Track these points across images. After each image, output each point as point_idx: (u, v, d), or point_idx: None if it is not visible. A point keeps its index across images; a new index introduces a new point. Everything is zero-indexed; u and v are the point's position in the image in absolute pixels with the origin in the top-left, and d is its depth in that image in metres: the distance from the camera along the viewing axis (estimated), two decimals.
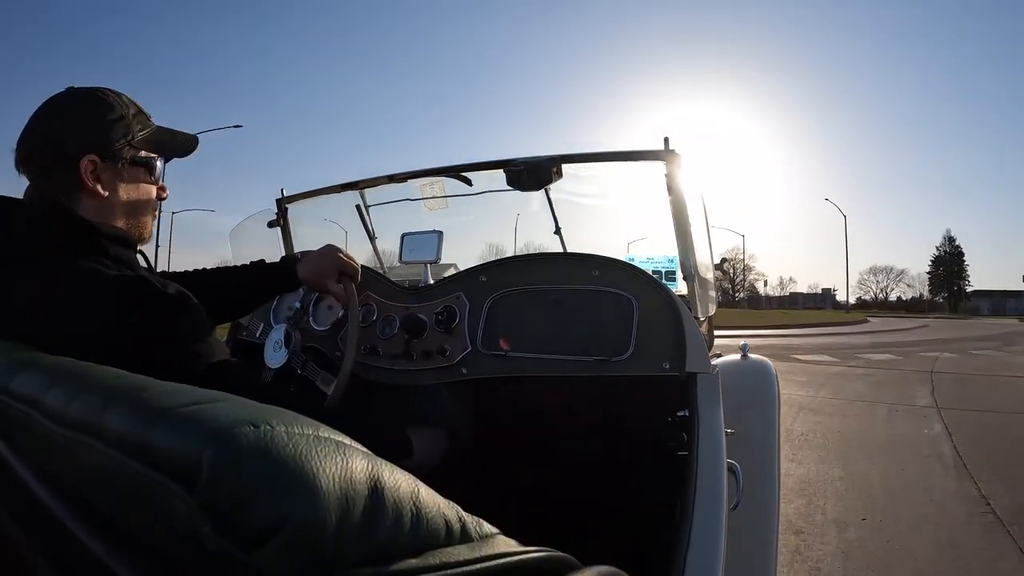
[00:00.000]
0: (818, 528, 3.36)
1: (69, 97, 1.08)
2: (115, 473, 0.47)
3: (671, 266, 2.05)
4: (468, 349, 1.61)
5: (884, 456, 4.83)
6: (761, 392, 2.09)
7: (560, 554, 0.56)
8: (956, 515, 3.54)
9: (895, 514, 3.56)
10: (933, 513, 3.59)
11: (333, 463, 0.43)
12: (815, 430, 5.70)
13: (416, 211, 2.05)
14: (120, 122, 1.09)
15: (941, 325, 35.14)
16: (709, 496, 1.16)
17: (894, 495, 3.92)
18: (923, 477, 4.31)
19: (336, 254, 1.55)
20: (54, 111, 1.07)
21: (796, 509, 3.63)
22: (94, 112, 1.07)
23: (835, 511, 3.63)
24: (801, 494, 3.92)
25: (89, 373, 0.65)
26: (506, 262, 1.72)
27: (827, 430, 5.71)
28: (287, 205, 2.23)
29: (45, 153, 1.05)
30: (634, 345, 1.45)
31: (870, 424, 6.03)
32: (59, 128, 1.05)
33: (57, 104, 1.07)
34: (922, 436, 5.52)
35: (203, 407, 0.47)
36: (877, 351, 14.17)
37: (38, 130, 1.05)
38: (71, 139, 1.04)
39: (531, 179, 1.69)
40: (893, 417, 6.38)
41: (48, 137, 1.05)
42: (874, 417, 6.38)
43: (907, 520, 3.46)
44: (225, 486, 0.40)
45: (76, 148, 1.04)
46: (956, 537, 3.21)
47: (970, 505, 3.71)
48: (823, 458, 4.77)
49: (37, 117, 1.06)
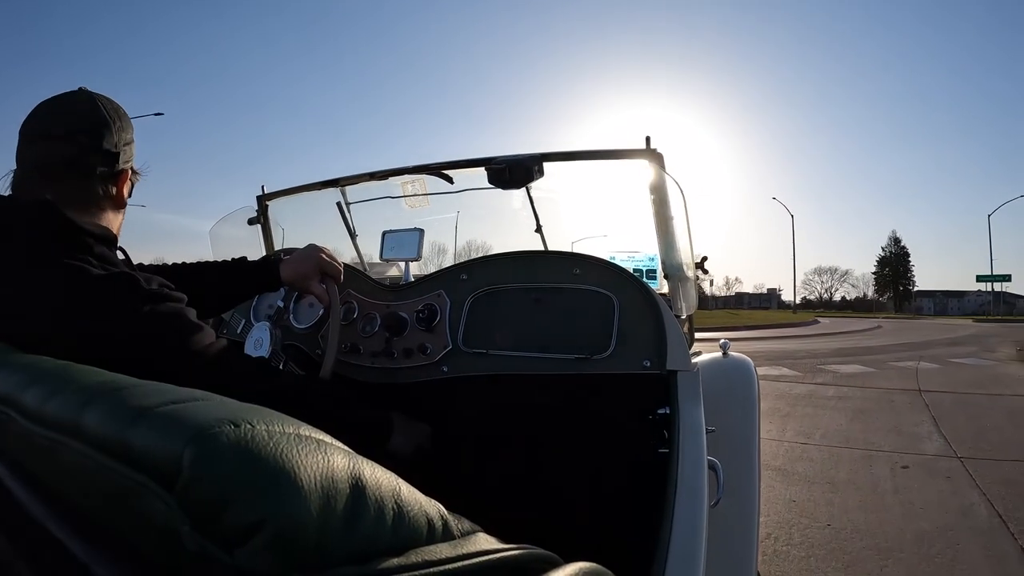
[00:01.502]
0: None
1: (113, 109, 1.13)
2: (94, 473, 0.47)
3: (652, 264, 2.06)
4: (449, 347, 1.60)
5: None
6: (741, 390, 2.11)
7: (542, 551, 0.56)
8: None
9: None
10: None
11: (314, 461, 0.43)
12: (788, 520, 3.42)
13: (398, 208, 2.05)
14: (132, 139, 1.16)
15: (894, 326, 32.57)
16: (690, 493, 1.16)
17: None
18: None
19: (319, 255, 1.54)
20: (95, 117, 1.09)
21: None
22: (127, 124, 1.15)
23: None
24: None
25: (67, 372, 0.64)
26: (487, 260, 1.72)
27: (810, 520, 3.42)
28: (267, 202, 2.21)
29: (87, 157, 1.08)
30: (615, 343, 1.46)
31: (873, 499, 3.74)
32: (108, 135, 1.09)
33: (100, 111, 1.10)
34: (961, 524, 3.30)
35: (182, 406, 0.47)
36: (843, 360, 12.18)
37: (78, 134, 1.07)
38: (119, 149, 1.11)
39: (513, 177, 1.69)
40: (903, 481, 4.09)
41: (97, 147, 1.08)
42: (875, 482, 4.08)
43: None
44: (205, 485, 0.40)
45: (123, 160, 1.12)
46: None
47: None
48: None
49: (79, 119, 1.08)
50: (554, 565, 0.56)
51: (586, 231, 2.47)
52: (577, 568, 0.57)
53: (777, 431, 5.63)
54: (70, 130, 1.05)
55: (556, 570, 0.55)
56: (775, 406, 6.82)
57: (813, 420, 6.20)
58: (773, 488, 3.94)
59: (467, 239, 2.51)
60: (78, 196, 1.06)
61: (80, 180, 1.07)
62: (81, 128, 1.06)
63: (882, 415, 6.45)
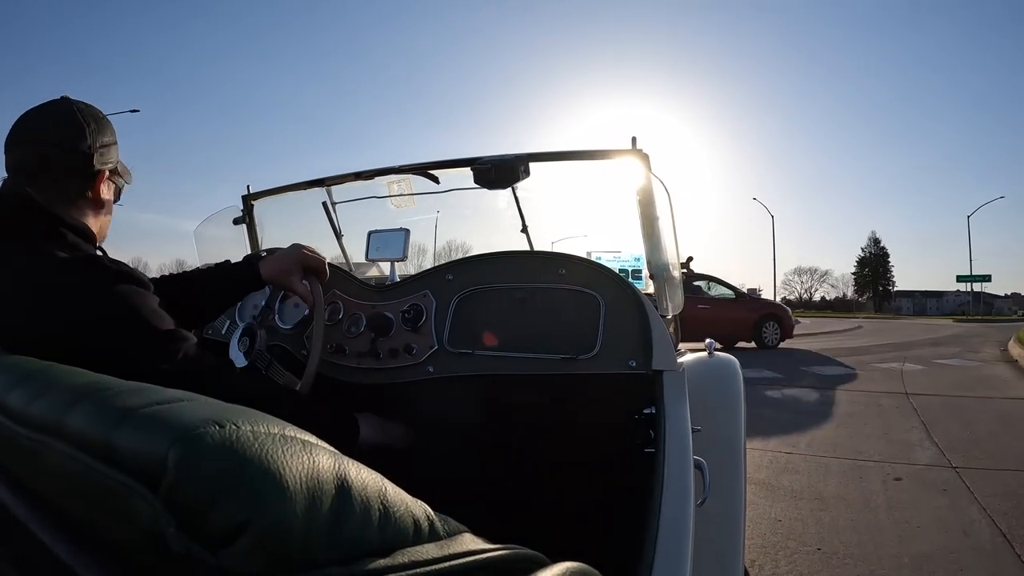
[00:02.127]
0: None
1: (90, 114, 1.16)
2: (79, 474, 0.47)
3: (638, 264, 2.06)
4: (435, 347, 1.60)
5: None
6: (727, 389, 2.12)
7: (528, 551, 0.56)
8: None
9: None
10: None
11: (299, 462, 0.43)
12: (773, 543, 3.11)
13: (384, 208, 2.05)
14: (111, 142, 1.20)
15: (875, 326, 30.30)
16: (676, 492, 1.17)
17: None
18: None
19: (301, 251, 1.53)
20: (71, 121, 1.12)
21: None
22: (106, 128, 1.18)
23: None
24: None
25: (51, 373, 0.64)
26: (473, 260, 1.72)
27: (797, 544, 3.10)
28: (253, 202, 2.20)
29: (59, 158, 1.11)
30: (601, 343, 1.46)
31: (865, 516, 3.47)
32: (81, 137, 1.12)
33: (76, 115, 1.14)
34: (963, 545, 3.04)
35: (167, 407, 0.47)
36: (826, 361, 11.75)
37: (54, 136, 1.11)
38: (94, 151, 1.14)
39: (499, 177, 1.69)
40: (897, 496, 3.82)
41: (71, 147, 1.11)
42: (866, 497, 3.79)
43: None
44: (190, 486, 0.39)
45: (99, 162, 1.15)
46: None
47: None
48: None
49: (55, 123, 1.12)
50: (541, 565, 0.56)
51: (571, 231, 2.48)
52: (564, 568, 0.57)
53: (760, 439, 5.17)
54: (44, 132, 1.10)
55: (543, 570, 0.55)
56: (758, 411, 6.25)
57: (798, 426, 5.77)
58: (757, 505, 3.61)
59: (448, 239, 2.52)
60: (53, 194, 1.09)
61: (54, 179, 1.10)
62: (56, 130, 1.11)
63: (870, 421, 6.08)
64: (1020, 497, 3.65)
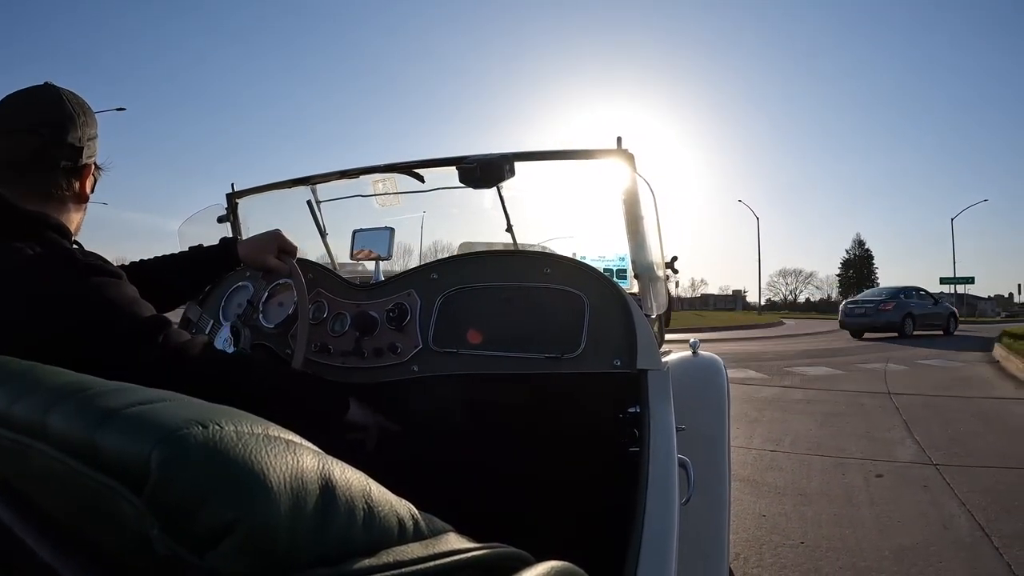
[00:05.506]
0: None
1: (78, 104, 1.11)
2: (62, 476, 0.46)
3: (622, 264, 2.07)
4: (419, 347, 1.60)
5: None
6: (711, 389, 2.13)
7: (513, 550, 0.56)
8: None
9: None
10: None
11: (283, 462, 0.43)
12: (758, 537, 3.19)
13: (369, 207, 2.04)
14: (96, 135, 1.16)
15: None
16: (661, 491, 1.18)
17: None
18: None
19: (276, 232, 1.59)
20: (60, 111, 1.08)
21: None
22: (92, 120, 1.14)
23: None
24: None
25: (33, 373, 0.63)
26: (458, 259, 1.72)
27: (781, 537, 3.19)
28: (237, 200, 2.19)
29: (50, 150, 1.06)
30: (585, 342, 1.46)
31: (848, 511, 3.55)
32: (67, 128, 1.08)
33: (65, 104, 1.09)
34: (943, 538, 3.12)
35: (149, 407, 0.47)
36: (810, 362, 11.72)
37: (41, 125, 1.06)
38: (83, 144, 1.10)
39: (484, 177, 1.69)
40: (879, 492, 3.90)
41: (61, 140, 1.07)
42: (849, 493, 3.88)
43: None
44: (174, 488, 0.39)
45: (87, 155, 1.11)
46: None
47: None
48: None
49: (42, 113, 1.07)
50: (526, 564, 0.56)
51: (556, 231, 2.48)
52: (549, 567, 0.57)
53: (744, 437, 5.30)
54: (33, 123, 1.05)
55: (528, 569, 0.55)
56: (742, 410, 6.40)
57: (782, 425, 5.87)
58: (742, 501, 3.68)
59: (434, 239, 2.51)
60: (40, 189, 1.06)
61: (43, 173, 1.06)
62: (45, 121, 1.05)
63: (853, 419, 6.16)
64: (999, 493, 3.74)
